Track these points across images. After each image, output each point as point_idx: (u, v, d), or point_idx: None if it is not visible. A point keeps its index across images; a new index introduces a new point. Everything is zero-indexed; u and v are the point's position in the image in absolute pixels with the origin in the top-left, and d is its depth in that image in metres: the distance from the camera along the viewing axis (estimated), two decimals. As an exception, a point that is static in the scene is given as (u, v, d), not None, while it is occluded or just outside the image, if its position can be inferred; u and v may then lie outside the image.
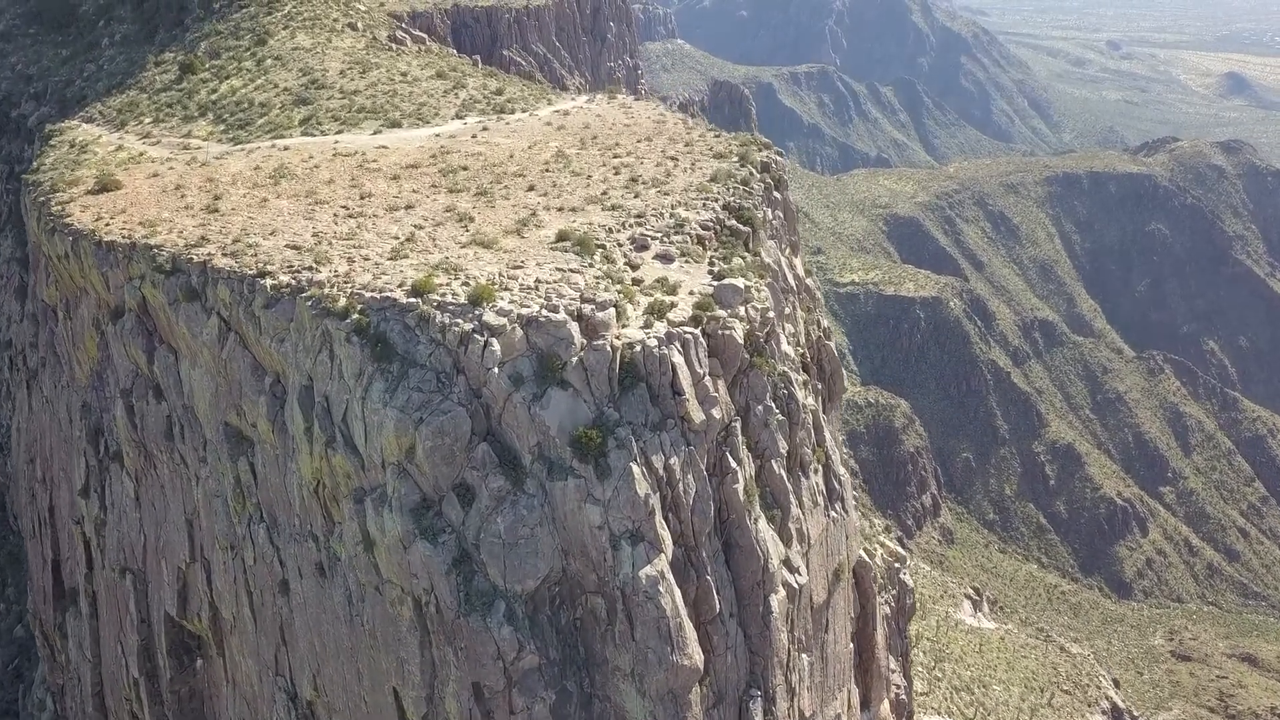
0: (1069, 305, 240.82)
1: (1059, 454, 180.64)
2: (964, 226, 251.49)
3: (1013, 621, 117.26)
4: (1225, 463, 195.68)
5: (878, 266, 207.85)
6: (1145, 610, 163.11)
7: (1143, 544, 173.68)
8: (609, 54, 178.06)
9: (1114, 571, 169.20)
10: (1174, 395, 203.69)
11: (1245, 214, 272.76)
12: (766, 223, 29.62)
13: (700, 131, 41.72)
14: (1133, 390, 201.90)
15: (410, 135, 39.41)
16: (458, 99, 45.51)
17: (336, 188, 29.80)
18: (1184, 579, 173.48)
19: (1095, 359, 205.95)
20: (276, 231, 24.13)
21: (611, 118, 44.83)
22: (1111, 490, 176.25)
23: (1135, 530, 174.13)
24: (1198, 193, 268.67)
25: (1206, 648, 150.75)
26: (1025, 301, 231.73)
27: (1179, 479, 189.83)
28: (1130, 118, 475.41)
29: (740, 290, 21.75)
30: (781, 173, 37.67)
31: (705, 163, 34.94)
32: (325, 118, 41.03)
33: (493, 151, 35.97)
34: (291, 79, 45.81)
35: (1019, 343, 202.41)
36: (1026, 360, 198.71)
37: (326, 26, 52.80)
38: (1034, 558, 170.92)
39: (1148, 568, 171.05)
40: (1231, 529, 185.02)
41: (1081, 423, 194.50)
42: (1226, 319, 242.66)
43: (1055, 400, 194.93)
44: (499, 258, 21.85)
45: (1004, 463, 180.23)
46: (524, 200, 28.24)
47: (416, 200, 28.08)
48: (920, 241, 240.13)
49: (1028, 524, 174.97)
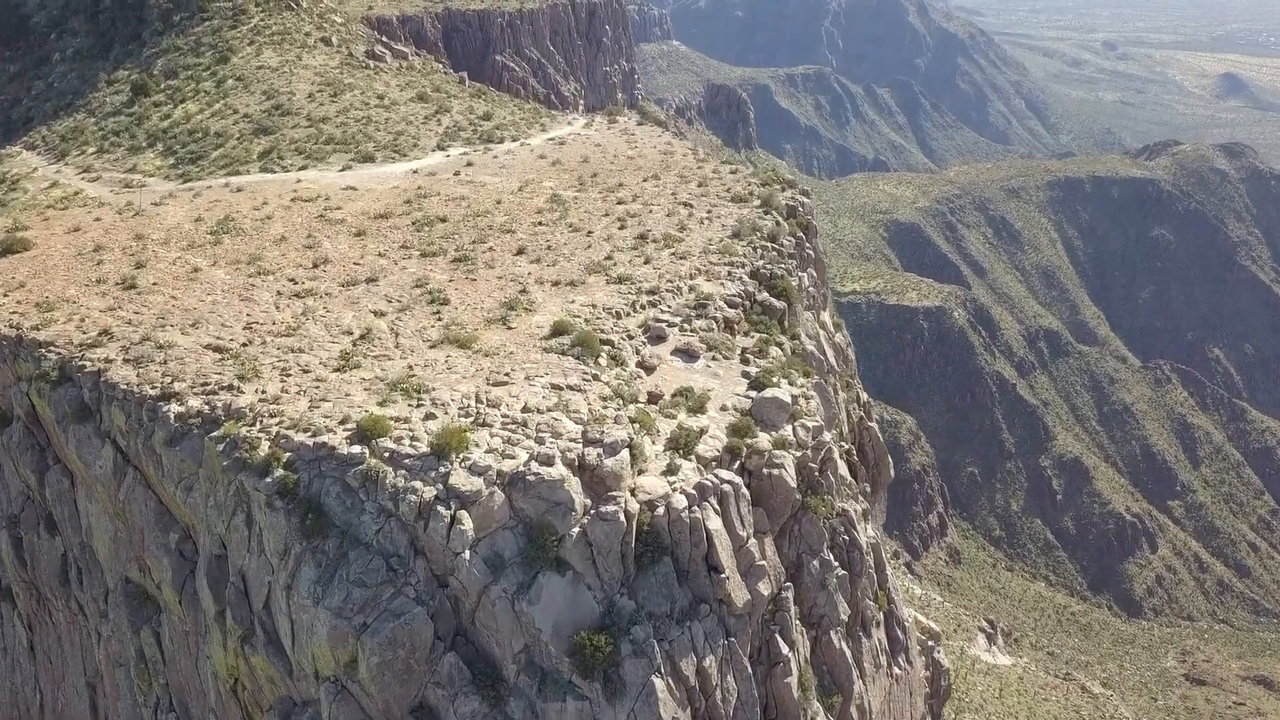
0: (1072, 313, 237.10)
1: (1066, 468, 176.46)
2: (965, 232, 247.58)
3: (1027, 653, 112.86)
4: (1234, 475, 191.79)
5: (879, 275, 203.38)
6: (1156, 630, 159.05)
7: (1152, 560, 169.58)
8: (605, 58, 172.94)
9: (1124, 589, 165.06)
10: (1181, 406, 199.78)
11: (1248, 219, 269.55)
12: (802, 290, 24.85)
13: (713, 166, 36.92)
14: (1140, 401, 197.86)
15: (384, 172, 34.56)
16: (440, 126, 40.62)
17: (288, 249, 24.88)
18: (1194, 596, 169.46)
19: (1101, 369, 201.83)
20: (200, 322, 19.23)
21: (612, 147, 39.98)
22: (1120, 505, 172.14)
23: (1144, 546, 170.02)
24: (1201, 197, 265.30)
25: (1220, 670, 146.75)
26: (1028, 309, 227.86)
27: (1188, 492, 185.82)
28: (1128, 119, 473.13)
29: (786, 405, 16.93)
30: (810, 217, 32.90)
31: (723, 209, 30.12)
32: (288, 150, 36.09)
33: (477, 195, 31.10)
34: (254, 103, 40.83)
35: (1024, 353, 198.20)
36: (1032, 371, 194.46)
37: (297, 42, 47.82)
38: (1041, 575, 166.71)
39: (1158, 585, 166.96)
40: (1242, 544, 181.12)
41: (1088, 435, 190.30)
42: (1231, 326, 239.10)
43: (1061, 412, 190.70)
44: (477, 366, 17.00)
45: (1010, 477, 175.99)
46: (511, 268, 23.37)
47: (381, 269, 23.17)
48: (921, 248, 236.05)
49: (1035, 541, 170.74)
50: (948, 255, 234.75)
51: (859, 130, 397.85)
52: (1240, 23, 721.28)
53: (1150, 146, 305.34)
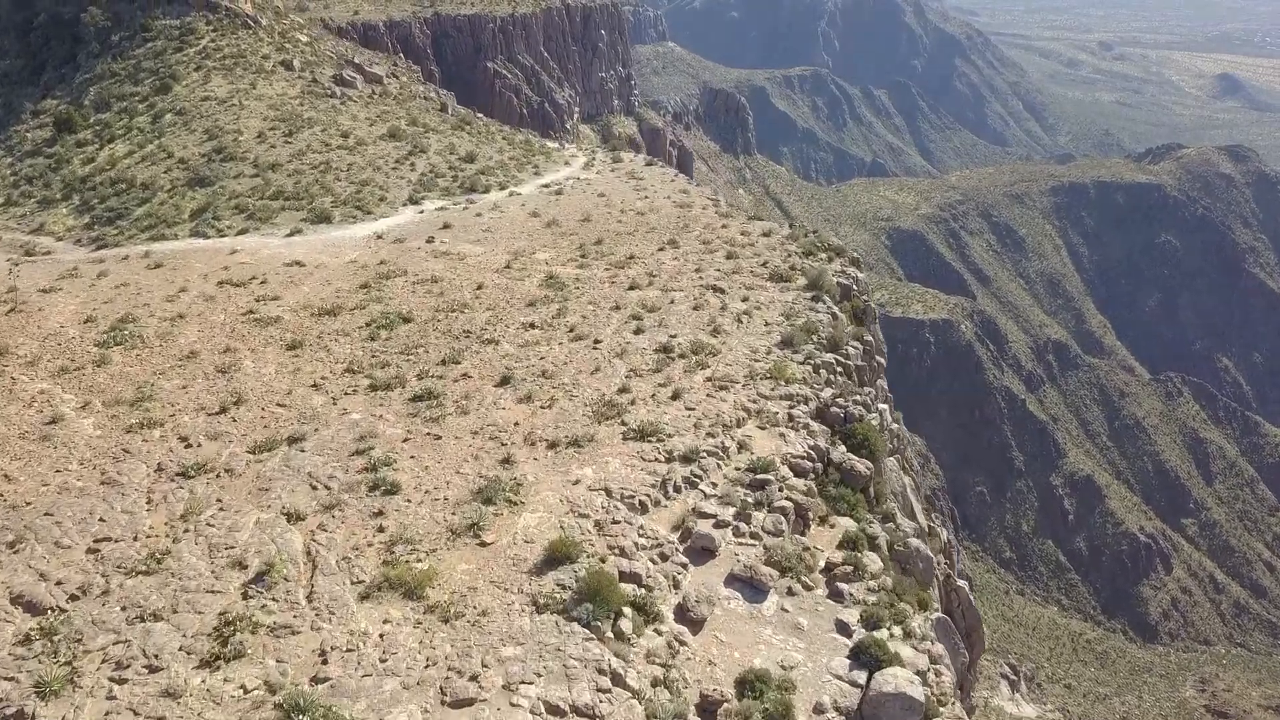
0: (1078, 321, 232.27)
1: (1078, 486, 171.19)
2: (969, 239, 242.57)
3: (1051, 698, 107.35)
4: (1248, 491, 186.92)
5: (883, 285, 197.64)
6: (1173, 656, 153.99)
7: (1167, 582, 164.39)
8: (600, 64, 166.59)
9: (1139, 613, 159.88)
10: (1193, 419, 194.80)
11: (1255, 224, 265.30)
12: (884, 430, 18.74)
13: (740, 224, 30.71)
14: (1151, 415, 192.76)
15: (342, 238, 28.24)
16: (414, 171, 34.29)
17: (193, 375, 18.58)
18: (1210, 618, 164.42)
19: (1111, 382, 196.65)
20: (22, 539, 12.86)
21: (619, 197, 33.73)
22: (1133, 525, 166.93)
23: (1159, 568, 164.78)
24: (1207, 202, 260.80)
25: (1241, 700, 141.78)
26: (1034, 318, 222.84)
27: (1201, 510, 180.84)
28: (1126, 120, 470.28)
29: (917, 705, 10.74)
30: (866, 297, 26.75)
31: (762, 293, 23.91)
32: (227, 208, 29.74)
33: (454, 275, 24.82)
34: (192, 145, 34.43)
35: (1032, 366, 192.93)
36: (1041, 385, 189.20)
37: (252, 67, 41.35)
38: (1054, 599, 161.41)
39: (1173, 608, 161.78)
40: (1257, 563, 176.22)
41: (1099, 451, 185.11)
42: (1240, 335, 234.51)
43: (1071, 427, 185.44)
44: (428, 653, 10.72)
45: (1020, 496, 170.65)
46: (492, 412, 17.09)
47: (313, 415, 16.85)
48: (924, 256, 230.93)
49: (1046, 562, 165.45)
50: (951, 264, 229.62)
51: (856, 133, 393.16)
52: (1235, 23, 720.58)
53: (1153, 150, 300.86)
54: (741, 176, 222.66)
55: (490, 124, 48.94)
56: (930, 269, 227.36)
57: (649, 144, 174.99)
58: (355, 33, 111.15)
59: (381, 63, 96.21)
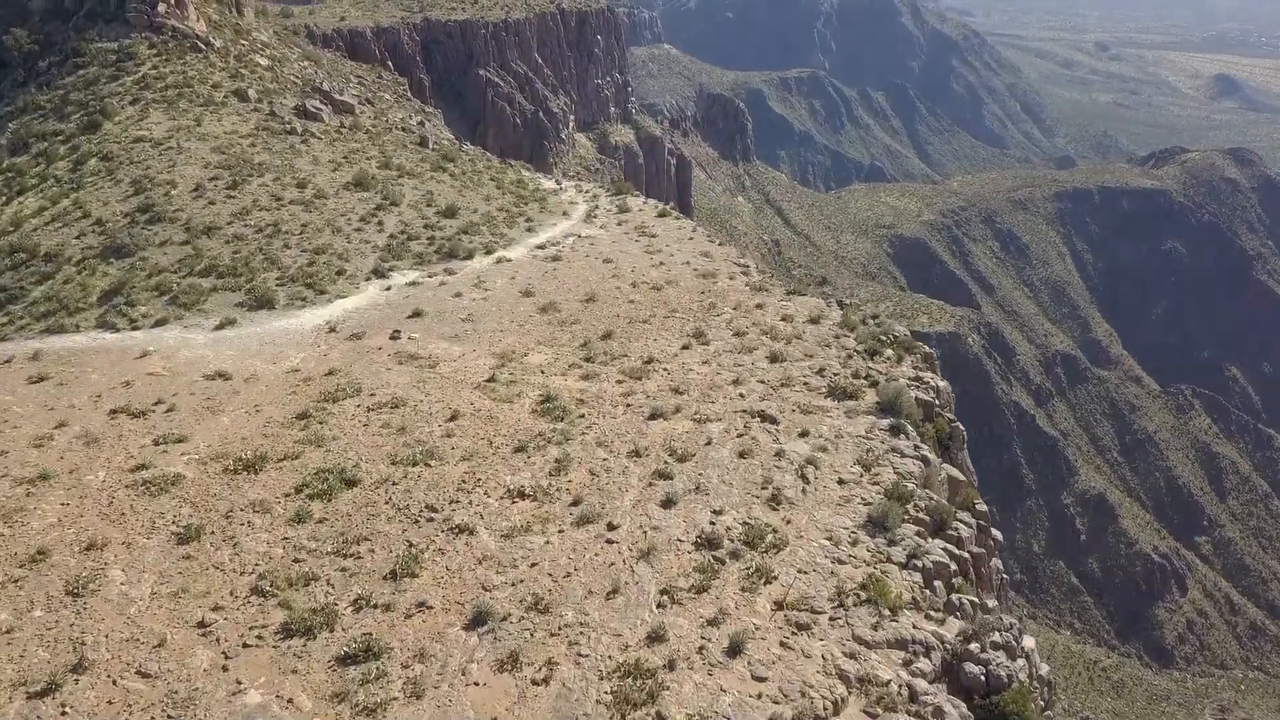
0: (1083, 330, 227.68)
1: (1089, 505, 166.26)
2: (972, 247, 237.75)
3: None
4: (1262, 507, 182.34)
5: (888, 297, 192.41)
6: (1190, 681, 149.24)
7: (1182, 604, 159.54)
8: (596, 70, 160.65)
9: (1154, 636, 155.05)
10: (1205, 434, 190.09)
11: (1262, 230, 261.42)
12: (1035, 683, 13.13)
13: (776, 302, 24.97)
14: (1162, 429, 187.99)
15: (284, 331, 22.42)
16: (382, 232, 28.47)
17: (29, 600, 12.79)
18: (1227, 641, 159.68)
19: (1121, 396, 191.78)
20: None
21: (628, 264, 27.94)
22: (1147, 545, 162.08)
23: (1174, 589, 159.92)
24: (1213, 208, 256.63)
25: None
26: (1039, 328, 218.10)
27: (1215, 527, 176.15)
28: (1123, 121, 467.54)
29: None
30: (950, 414, 21.10)
31: (825, 426, 18.19)
32: (145, 288, 23.86)
33: (420, 397, 19.04)
34: (115, 201, 28.50)
35: (1041, 380, 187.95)
36: (1050, 399, 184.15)
37: (199, 98, 35.39)
38: (1066, 623, 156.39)
39: (1189, 631, 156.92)
40: (1273, 582, 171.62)
41: (1110, 467, 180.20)
42: (1249, 343, 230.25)
43: (1082, 443, 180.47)
44: None
45: (1030, 516, 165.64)
46: (457, 703, 11.31)
47: (186, 709, 11.10)
48: (927, 264, 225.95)
49: (1058, 584, 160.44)
50: (955, 272, 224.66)
51: (854, 135, 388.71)
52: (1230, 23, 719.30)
53: (1156, 154, 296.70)
54: (741, 184, 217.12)
55: (477, 157, 42.97)
56: (933, 277, 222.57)
57: (646, 153, 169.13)
58: (341, 39, 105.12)
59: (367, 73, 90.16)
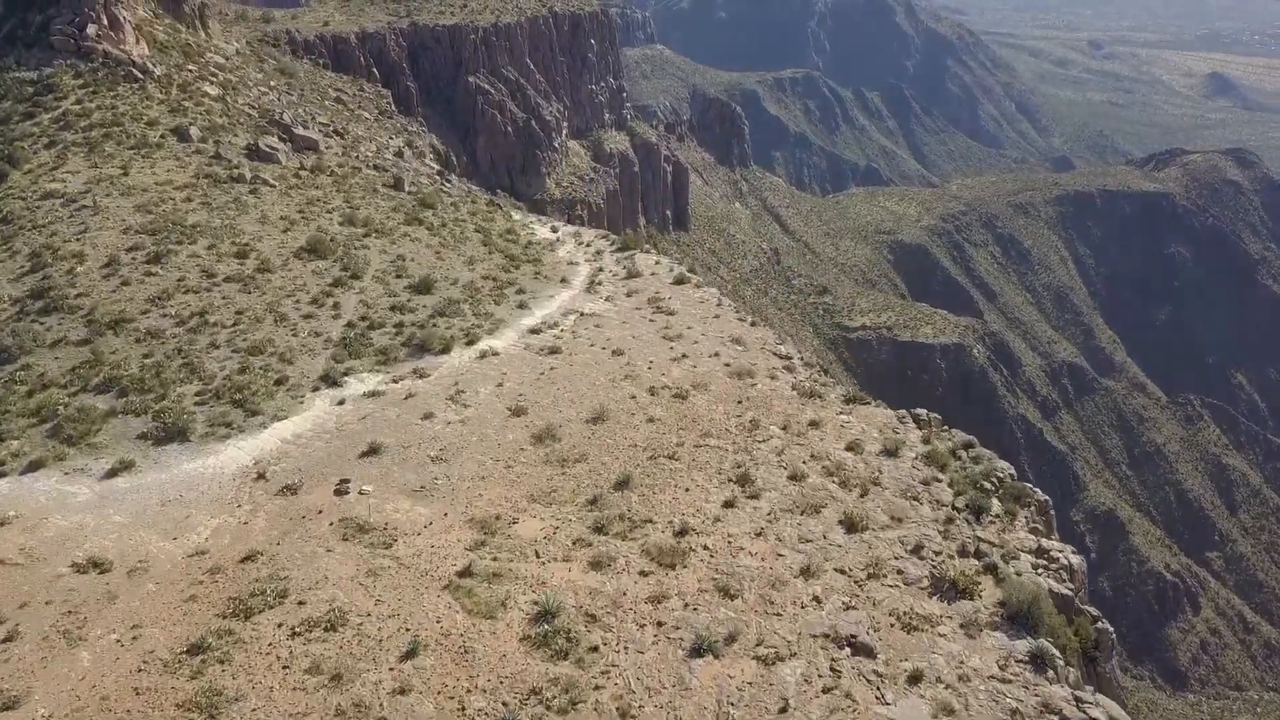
0: (1087, 337, 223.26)
1: (1099, 522, 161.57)
2: (973, 252, 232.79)
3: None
4: (1274, 520, 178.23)
5: (890, 306, 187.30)
6: (1205, 705, 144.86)
7: (1195, 624, 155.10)
8: (590, 75, 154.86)
9: (1167, 658, 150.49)
10: (1214, 445, 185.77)
11: (1265, 233, 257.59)
12: None
13: (834, 417, 19.44)
14: (1171, 441, 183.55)
15: (195, 480, 16.80)
16: (340, 317, 22.86)
17: None
18: (1241, 661, 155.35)
19: (1129, 406, 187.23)
20: None
21: (643, 359, 22.33)
22: (1159, 563, 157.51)
23: (1187, 608, 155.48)
24: (1216, 211, 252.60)
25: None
26: (1043, 335, 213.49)
27: (1226, 542, 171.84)
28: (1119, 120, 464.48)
29: None
30: (1101, 628, 15.67)
31: (939, 658, 12.71)
32: (21, 413, 18.16)
33: (368, 607, 13.41)
34: (5, 279, 22.76)
35: (1047, 391, 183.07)
36: (1057, 412, 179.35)
37: (130, 139, 29.57)
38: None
39: (1203, 652, 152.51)
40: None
41: (1119, 481, 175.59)
42: (1254, 349, 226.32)
43: (1090, 456, 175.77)
44: None
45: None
46: None
47: None
48: (928, 270, 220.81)
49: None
50: (956, 278, 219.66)
51: (850, 136, 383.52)
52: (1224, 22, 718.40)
53: (1157, 156, 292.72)
54: (738, 190, 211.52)
55: (460, 200, 37.11)
56: (935, 285, 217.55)
57: (642, 160, 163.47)
58: (324, 46, 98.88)
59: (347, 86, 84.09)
